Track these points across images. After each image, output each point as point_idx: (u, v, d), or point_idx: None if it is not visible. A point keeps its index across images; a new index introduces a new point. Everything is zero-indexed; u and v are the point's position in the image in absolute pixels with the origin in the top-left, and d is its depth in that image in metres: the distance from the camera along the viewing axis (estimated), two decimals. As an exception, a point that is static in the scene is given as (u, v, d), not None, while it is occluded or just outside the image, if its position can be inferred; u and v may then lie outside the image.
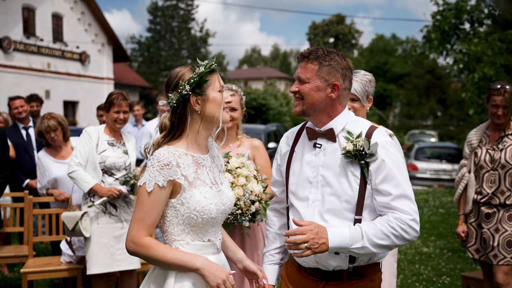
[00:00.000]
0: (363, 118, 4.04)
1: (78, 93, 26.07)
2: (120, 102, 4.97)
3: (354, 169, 2.54)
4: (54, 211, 5.66)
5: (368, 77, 3.99)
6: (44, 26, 23.94)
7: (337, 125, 2.63)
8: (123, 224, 5.00)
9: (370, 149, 2.50)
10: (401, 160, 2.58)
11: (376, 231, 2.43)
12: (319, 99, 2.59)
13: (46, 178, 5.81)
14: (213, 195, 2.54)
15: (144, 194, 2.41)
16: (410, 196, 2.50)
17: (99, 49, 27.54)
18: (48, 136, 5.75)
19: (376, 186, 2.50)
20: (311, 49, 2.63)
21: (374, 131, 2.59)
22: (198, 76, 2.52)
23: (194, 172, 2.51)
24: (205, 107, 2.53)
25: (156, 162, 2.41)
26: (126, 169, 5.07)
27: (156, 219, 2.44)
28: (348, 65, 2.63)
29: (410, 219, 2.45)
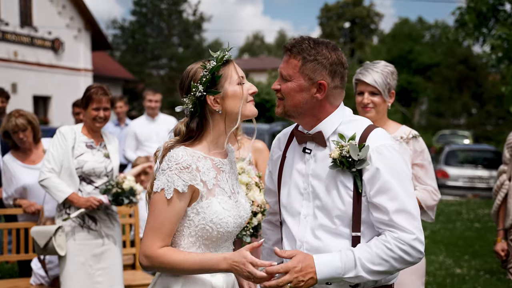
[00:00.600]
0: (383, 115, 4.09)
1: (50, 86, 26.08)
2: (99, 98, 4.99)
3: (345, 180, 2.54)
4: (22, 225, 5.67)
5: (390, 68, 4.03)
6: (9, 8, 23.91)
7: (327, 128, 2.64)
8: (104, 240, 5.01)
9: (360, 154, 2.48)
10: (403, 167, 2.53)
11: (371, 255, 2.41)
12: (302, 100, 2.60)
13: (13, 187, 5.80)
14: (231, 206, 2.59)
15: (162, 202, 2.45)
16: (412, 211, 2.46)
17: (75, 35, 27.59)
18: (16, 137, 5.75)
19: (371, 199, 2.49)
20: (295, 41, 2.63)
21: (371, 132, 2.58)
22: (210, 73, 2.56)
23: (214, 178, 2.57)
24: (226, 104, 2.57)
25: (174, 165, 2.45)
26: (107, 176, 5.08)
27: (173, 230, 2.49)
28: (339, 59, 2.61)
29: (412, 239, 2.42)
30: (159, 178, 2.49)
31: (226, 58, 2.61)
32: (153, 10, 45.30)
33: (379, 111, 4.06)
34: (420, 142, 4.09)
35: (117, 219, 5.24)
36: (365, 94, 4.03)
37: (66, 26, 26.86)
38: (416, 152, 4.06)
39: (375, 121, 4.06)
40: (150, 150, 8.34)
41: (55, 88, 26.28)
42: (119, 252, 5.19)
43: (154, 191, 2.49)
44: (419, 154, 4.06)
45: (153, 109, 8.71)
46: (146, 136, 8.59)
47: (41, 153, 5.92)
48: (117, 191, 4.96)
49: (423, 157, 4.06)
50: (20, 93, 24.00)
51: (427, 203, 4.03)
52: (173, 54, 44.39)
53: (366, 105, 4.04)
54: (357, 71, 4.18)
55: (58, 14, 26.53)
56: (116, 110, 9.57)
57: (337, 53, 2.61)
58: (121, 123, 9.80)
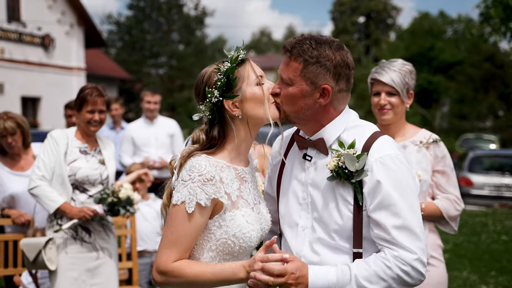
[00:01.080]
0: (401, 117, 4.10)
1: (40, 87, 26.18)
2: (94, 99, 5.01)
3: (344, 192, 2.54)
4: (10, 237, 5.69)
5: (408, 67, 4.05)
6: (-4, 2, 24.02)
7: (329, 134, 2.64)
8: (99, 253, 5.03)
9: (357, 165, 2.47)
10: (408, 181, 2.51)
11: (369, 273, 2.41)
12: (304, 106, 2.59)
13: (0, 195, 5.81)
14: (254, 219, 2.62)
15: (181, 215, 2.47)
16: (415, 229, 2.44)
17: (66, 31, 27.70)
18: (4, 141, 5.75)
19: (370, 213, 2.48)
20: (296, 41, 2.61)
21: (376, 140, 2.56)
22: (225, 76, 2.57)
23: (238, 189, 2.60)
24: (246, 108, 2.59)
25: (197, 176, 2.47)
26: (102, 184, 5.10)
27: (191, 245, 2.52)
28: (344, 60, 2.58)
29: (414, 259, 2.41)
30: (179, 189, 2.50)
31: (241, 57, 2.62)
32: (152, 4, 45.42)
33: (397, 113, 4.07)
34: (441, 147, 4.09)
35: (113, 230, 5.26)
36: (382, 95, 4.04)
37: (57, 21, 26.97)
38: (437, 158, 4.06)
39: (393, 124, 4.09)
40: (148, 156, 8.33)
41: (45, 89, 26.37)
42: (115, 267, 5.20)
43: (174, 203, 2.50)
44: (440, 160, 4.06)
45: (151, 111, 8.64)
46: (144, 140, 8.54)
47: (31, 159, 5.92)
48: (113, 200, 4.98)
49: (444, 163, 4.06)
50: (7, 93, 24.10)
51: (449, 213, 4.03)
52: (173, 52, 44.49)
53: (383, 107, 4.05)
54: (373, 70, 4.18)
55: (48, 8, 26.64)
56: (111, 113, 9.55)
57: (342, 53, 2.57)
58: (116, 127, 9.79)
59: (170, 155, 8.46)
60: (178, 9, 46.55)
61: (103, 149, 5.22)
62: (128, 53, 44.26)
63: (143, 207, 6.80)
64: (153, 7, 45.50)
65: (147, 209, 6.80)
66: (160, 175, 8.24)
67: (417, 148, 4.07)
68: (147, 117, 8.71)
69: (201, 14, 47.59)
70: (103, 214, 5.00)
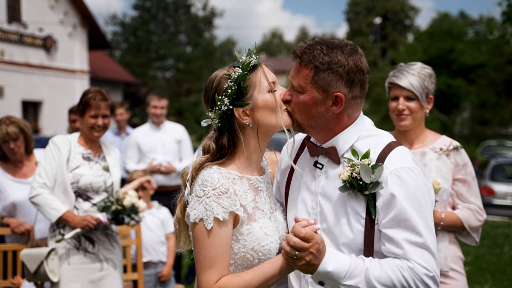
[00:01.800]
0: (420, 123, 4.09)
1: (42, 90, 26.30)
2: (98, 103, 5.03)
3: (356, 205, 2.53)
4: (10, 247, 5.70)
5: (428, 70, 4.05)
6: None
7: (342, 143, 2.63)
8: (103, 264, 5.04)
9: (373, 176, 2.45)
10: (424, 195, 2.48)
11: (381, 273, 2.38)
12: (316, 115, 2.58)
13: (1, 203, 5.83)
14: (273, 230, 2.63)
15: (202, 233, 2.49)
16: (429, 247, 2.42)
17: (69, 33, 27.84)
18: (6, 147, 5.78)
19: (383, 228, 2.47)
20: (306, 46, 2.59)
21: (392, 151, 2.54)
22: (235, 83, 2.58)
23: (253, 200, 2.61)
24: (257, 116, 2.60)
25: (211, 190, 2.48)
26: (106, 191, 5.11)
27: (226, 258, 2.52)
28: (357, 65, 2.55)
29: (429, 276, 2.38)
30: (195, 206, 2.52)
31: (253, 63, 2.62)
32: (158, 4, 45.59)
33: (416, 119, 4.07)
34: (463, 154, 4.08)
35: (118, 240, 5.27)
36: (400, 99, 4.04)
37: (59, 22, 27.11)
38: (458, 166, 4.05)
39: (411, 130, 4.09)
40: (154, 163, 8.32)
41: (47, 92, 26.48)
42: (120, 278, 5.21)
43: (192, 221, 2.52)
44: (462, 168, 4.05)
45: (158, 116, 8.60)
46: (150, 146, 8.51)
47: (33, 165, 5.93)
48: (117, 209, 4.99)
49: (465, 171, 4.05)
50: (8, 97, 24.20)
51: (470, 224, 4.02)
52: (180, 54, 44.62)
53: (401, 112, 4.04)
54: (391, 74, 4.18)
55: (50, 8, 26.78)
56: (116, 118, 9.59)
57: (355, 58, 2.54)
58: (121, 132, 9.83)
59: (177, 161, 8.47)
60: (185, 9, 46.70)
61: (107, 155, 5.24)
62: (134, 55, 44.39)
63: (146, 216, 6.78)
64: (160, 7, 45.67)
65: (150, 218, 6.80)
66: (166, 182, 8.24)
67: (437, 155, 4.07)
68: (153, 122, 8.67)
69: (209, 14, 47.75)
70: (106, 222, 5.00)
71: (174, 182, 8.30)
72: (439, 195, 3.97)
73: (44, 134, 22.05)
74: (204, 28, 47.61)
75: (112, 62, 38.31)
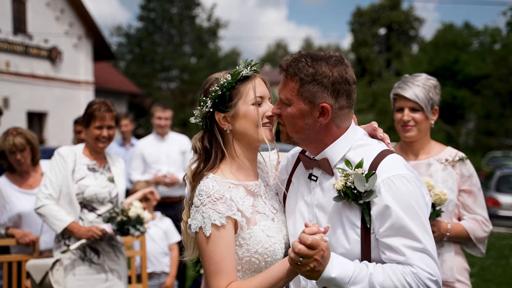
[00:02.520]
0: (425, 134, 4.10)
1: (47, 101, 26.37)
2: (103, 114, 5.05)
3: (351, 215, 2.54)
4: (15, 258, 5.70)
5: (432, 81, 4.06)
6: (1, 13, 24.24)
7: (333, 154, 2.65)
8: (108, 275, 5.04)
9: (367, 185, 2.46)
10: (418, 201, 2.48)
11: (384, 278, 2.38)
12: (304, 126, 2.62)
13: (7, 214, 5.85)
14: (276, 230, 2.67)
15: (204, 241, 2.55)
16: (431, 252, 2.43)
17: (74, 44, 27.94)
18: (13, 158, 5.81)
19: (381, 238, 2.47)
20: (292, 59, 2.63)
21: (383, 159, 2.55)
22: (221, 89, 2.68)
23: (251, 205, 2.66)
24: (236, 124, 2.69)
25: (206, 198, 2.55)
26: (111, 202, 5.12)
27: (232, 263, 2.55)
28: (342, 75, 2.57)
29: (432, 280, 2.39)
30: (194, 216, 2.59)
31: (245, 74, 2.70)
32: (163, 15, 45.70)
33: (421, 130, 4.08)
34: (468, 165, 4.09)
35: (123, 251, 5.27)
36: (405, 111, 4.06)
37: (64, 33, 27.21)
38: (464, 177, 4.06)
39: (417, 141, 4.10)
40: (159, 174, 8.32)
41: (52, 103, 26.55)
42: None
43: (193, 231, 2.59)
44: (467, 179, 4.06)
45: (162, 127, 8.62)
46: (154, 157, 8.52)
47: (39, 176, 5.95)
48: (122, 220, 4.99)
49: (471, 182, 4.06)
50: (13, 108, 24.23)
51: (476, 235, 4.02)
52: (184, 65, 44.66)
53: (406, 123, 4.06)
54: (395, 85, 4.20)
55: (55, 19, 26.89)
56: (121, 129, 9.62)
57: (340, 69, 2.57)
58: (126, 143, 9.85)
59: (182, 172, 8.47)
60: (190, 20, 46.80)
61: (112, 166, 5.25)
62: (138, 66, 44.49)
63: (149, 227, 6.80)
64: (164, 19, 45.78)
65: (153, 228, 6.80)
66: (170, 193, 8.25)
67: (442, 166, 4.07)
68: (158, 133, 8.69)
69: (214, 25, 47.81)
70: (112, 233, 5.01)
71: (178, 193, 8.30)
72: (445, 206, 3.97)
73: (49, 145, 22.07)
74: (208, 39, 47.67)
75: (117, 73, 38.42)
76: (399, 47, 58.54)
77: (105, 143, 5.13)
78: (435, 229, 3.91)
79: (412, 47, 60.06)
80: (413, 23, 61.20)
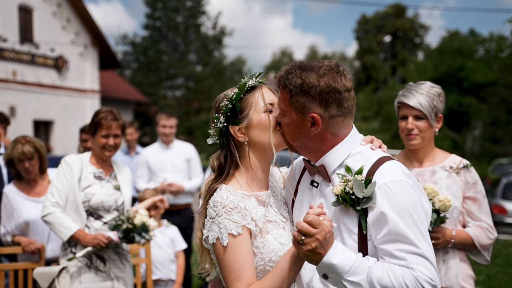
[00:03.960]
0: (430, 142, 4.11)
1: (53, 110, 26.44)
2: (109, 123, 5.08)
3: (348, 222, 2.56)
4: (21, 266, 5.73)
5: (437, 89, 4.08)
6: (8, 23, 24.37)
7: (331, 161, 2.67)
8: (114, 283, 5.06)
9: (365, 191, 2.47)
10: (415, 207, 2.46)
11: (382, 274, 2.37)
12: (299, 136, 2.66)
13: (14, 221, 5.87)
14: (288, 238, 2.69)
15: (222, 251, 2.57)
16: (429, 258, 2.41)
17: (80, 53, 28.04)
18: (21, 166, 5.85)
19: (378, 245, 2.48)
20: (285, 70, 2.68)
21: (381, 165, 2.55)
22: (230, 102, 2.73)
23: (263, 214, 2.68)
24: (251, 134, 2.73)
25: (221, 209, 2.57)
26: (117, 210, 5.14)
27: (250, 269, 2.56)
28: (329, 84, 2.57)
29: (432, 285, 2.38)
30: (211, 228, 2.61)
31: (251, 84, 2.76)
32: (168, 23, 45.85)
33: (425, 138, 4.09)
34: (472, 172, 4.10)
35: (129, 259, 5.29)
36: (409, 119, 4.07)
37: (70, 42, 27.31)
38: (468, 184, 4.06)
39: (421, 149, 4.11)
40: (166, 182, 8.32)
41: (58, 112, 26.63)
42: (130, 297, 5.22)
43: (210, 242, 2.61)
44: (472, 186, 4.06)
45: (167, 135, 8.61)
46: (159, 165, 8.54)
47: (46, 184, 5.99)
48: (128, 227, 5.01)
49: (475, 189, 4.07)
50: (19, 117, 24.31)
51: (481, 242, 4.02)
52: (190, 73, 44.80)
53: (410, 131, 4.07)
54: (400, 93, 4.22)
55: (62, 29, 27.00)
56: (126, 138, 9.64)
57: (327, 78, 2.57)
58: (131, 152, 9.85)
59: (186, 180, 8.49)
60: (195, 29, 46.94)
61: (119, 174, 5.27)
62: (144, 74, 44.62)
63: (156, 235, 6.81)
64: (170, 27, 45.92)
65: (160, 236, 6.82)
66: (175, 201, 8.26)
67: (447, 173, 4.08)
68: (162, 142, 8.69)
69: (219, 34, 47.94)
70: (117, 241, 5.03)
71: (183, 201, 8.31)
72: (449, 213, 3.98)
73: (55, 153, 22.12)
74: (214, 47, 47.80)
75: (122, 81, 38.51)
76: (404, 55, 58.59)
77: (112, 151, 5.16)
78: (440, 236, 3.92)
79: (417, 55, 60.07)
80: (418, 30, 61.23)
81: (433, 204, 3.86)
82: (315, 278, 2.66)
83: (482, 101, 42.21)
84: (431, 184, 3.91)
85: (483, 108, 41.65)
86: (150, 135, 38.94)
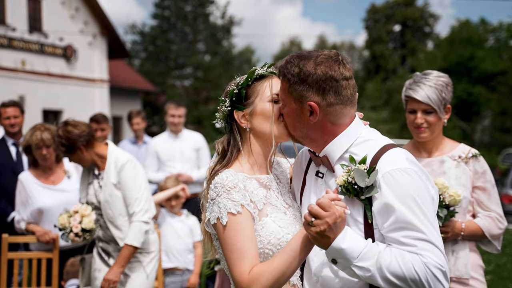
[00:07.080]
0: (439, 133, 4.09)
1: (62, 99, 26.45)
2: None
3: (354, 210, 2.56)
4: (35, 255, 5.76)
5: (444, 79, 4.03)
6: (16, 12, 24.29)
7: (333, 151, 2.67)
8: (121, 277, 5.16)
9: (367, 180, 2.48)
10: (421, 193, 2.46)
11: (391, 260, 2.37)
12: (299, 125, 2.69)
13: (29, 208, 5.92)
14: (288, 222, 2.70)
15: (222, 231, 2.58)
16: (437, 244, 2.41)
17: (89, 42, 28.03)
18: (38, 153, 5.90)
19: (385, 233, 2.48)
20: (284, 61, 2.71)
21: (384, 154, 2.54)
22: (237, 87, 2.79)
23: (264, 196, 2.71)
24: (253, 122, 2.77)
25: (220, 189, 2.60)
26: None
27: (253, 247, 2.56)
28: (326, 72, 2.57)
29: (442, 271, 2.37)
30: (212, 209, 2.63)
31: (260, 73, 2.79)
32: (177, 13, 45.75)
33: (434, 131, 4.07)
34: (481, 162, 4.08)
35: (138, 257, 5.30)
36: (418, 114, 4.06)
37: (79, 31, 27.31)
38: (477, 174, 4.06)
39: (430, 141, 4.09)
40: (173, 171, 8.31)
41: (67, 101, 26.62)
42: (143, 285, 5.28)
43: (212, 223, 2.62)
44: (481, 175, 4.06)
45: (175, 125, 8.58)
46: (168, 155, 8.52)
47: (62, 173, 6.05)
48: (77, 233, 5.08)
49: (485, 179, 4.06)
50: (28, 106, 24.24)
51: (491, 232, 4.02)
52: (198, 63, 44.73)
53: (419, 126, 4.06)
54: (406, 84, 4.18)
55: (70, 18, 26.97)
56: (133, 127, 9.66)
57: (324, 66, 2.58)
58: (138, 141, 9.82)
59: (196, 170, 8.49)
60: (204, 18, 46.85)
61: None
62: (153, 64, 44.60)
63: (176, 223, 6.83)
64: (179, 17, 45.85)
65: (180, 225, 6.83)
66: (186, 190, 8.27)
67: (455, 163, 4.07)
68: (171, 131, 8.67)
69: (228, 23, 47.87)
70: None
71: (192, 190, 8.27)
72: (459, 206, 3.97)
73: (64, 143, 22.07)
74: (222, 36, 47.74)
75: (131, 71, 38.46)
76: (413, 44, 58.31)
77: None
78: (449, 230, 3.92)
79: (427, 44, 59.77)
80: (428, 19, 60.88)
81: (443, 199, 3.86)
82: (324, 267, 2.67)
83: (492, 91, 42.02)
84: (441, 179, 3.90)
85: (493, 97, 41.47)
86: (159, 125, 38.98)
